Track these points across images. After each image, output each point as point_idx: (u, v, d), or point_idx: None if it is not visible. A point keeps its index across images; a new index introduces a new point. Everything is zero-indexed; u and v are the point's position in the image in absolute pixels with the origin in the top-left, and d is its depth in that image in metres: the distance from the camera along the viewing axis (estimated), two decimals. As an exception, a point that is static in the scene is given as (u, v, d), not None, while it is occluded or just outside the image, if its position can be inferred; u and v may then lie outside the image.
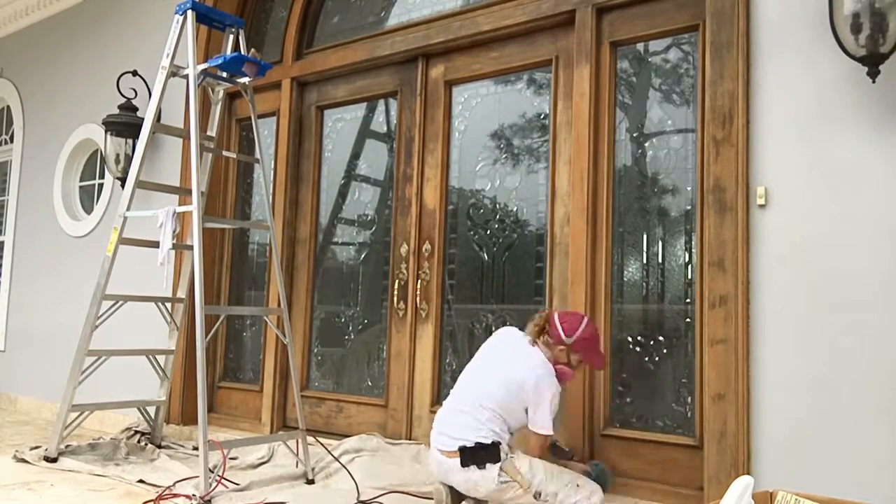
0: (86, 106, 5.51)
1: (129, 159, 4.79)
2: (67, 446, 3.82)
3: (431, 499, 2.86)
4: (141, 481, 3.40)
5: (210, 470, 3.17)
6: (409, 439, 3.75)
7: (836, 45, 2.47)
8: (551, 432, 2.71)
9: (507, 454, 2.66)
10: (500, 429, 2.69)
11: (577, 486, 2.65)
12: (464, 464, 2.64)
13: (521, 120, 3.63)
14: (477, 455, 2.63)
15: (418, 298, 3.80)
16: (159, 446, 4.09)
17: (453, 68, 3.87)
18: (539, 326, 2.81)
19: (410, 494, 3.18)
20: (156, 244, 3.66)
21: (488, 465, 2.61)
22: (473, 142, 3.79)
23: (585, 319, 2.83)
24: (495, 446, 2.64)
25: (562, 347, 2.76)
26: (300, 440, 3.54)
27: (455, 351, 3.72)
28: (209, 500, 3.10)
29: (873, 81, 2.45)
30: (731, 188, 2.73)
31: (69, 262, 5.47)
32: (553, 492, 2.62)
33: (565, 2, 3.38)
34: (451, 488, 2.76)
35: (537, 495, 2.62)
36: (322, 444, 3.61)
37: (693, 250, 3.04)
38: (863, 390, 2.44)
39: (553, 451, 2.94)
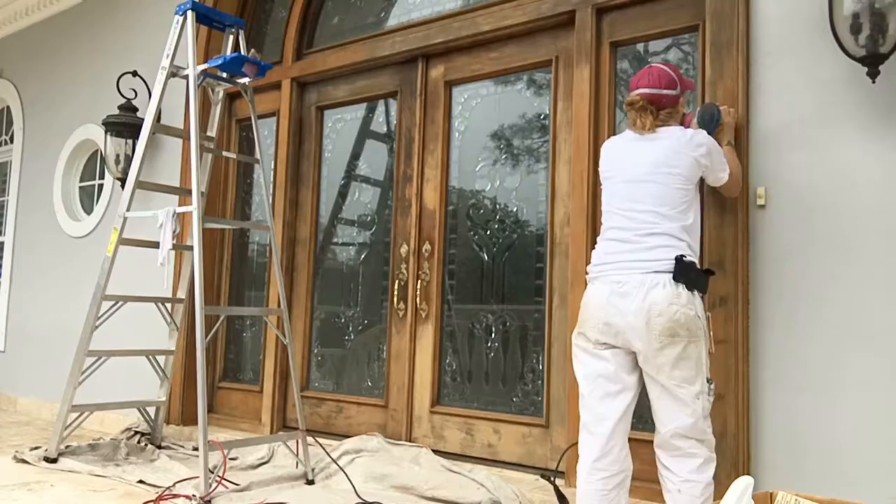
0: (86, 106, 5.51)
1: (129, 160, 4.79)
2: (67, 447, 3.82)
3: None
4: (141, 482, 3.40)
5: (210, 470, 3.17)
6: (410, 440, 3.75)
7: (836, 45, 2.47)
8: (734, 170, 2.38)
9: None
10: (694, 235, 2.27)
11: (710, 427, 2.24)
12: (676, 278, 2.13)
13: (521, 120, 3.64)
14: (688, 272, 2.13)
15: (418, 299, 3.80)
16: (159, 447, 4.09)
17: (453, 69, 3.87)
18: (645, 110, 2.36)
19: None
20: (156, 245, 3.66)
21: (696, 291, 2.15)
22: (473, 142, 3.79)
23: (659, 65, 2.46)
24: (707, 273, 2.21)
25: (678, 98, 2.41)
26: (300, 441, 3.54)
27: (455, 351, 3.72)
28: (209, 501, 3.09)
29: (873, 82, 2.45)
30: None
31: (69, 263, 5.47)
32: (705, 406, 2.21)
33: (565, 2, 3.38)
34: None
35: (709, 380, 2.21)
36: (321, 446, 3.61)
37: (693, 250, 3.04)
38: (863, 390, 2.44)
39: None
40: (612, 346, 2.29)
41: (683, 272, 2.14)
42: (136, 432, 4.17)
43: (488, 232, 3.67)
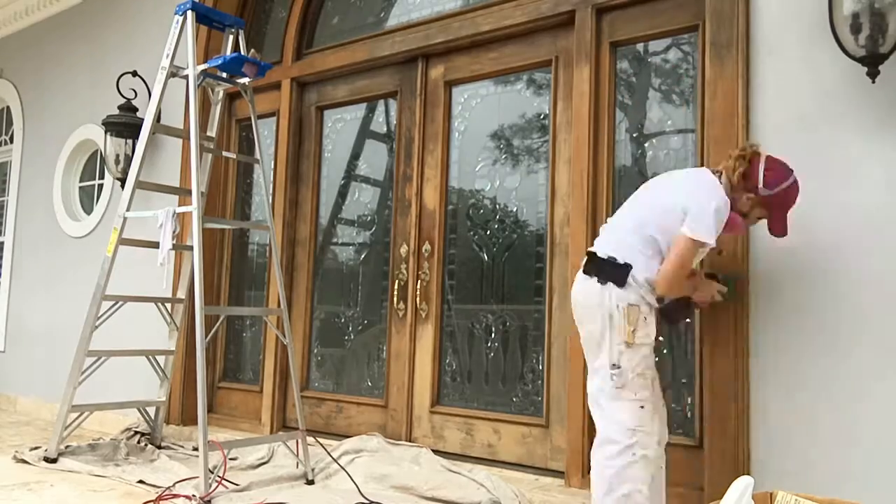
0: (85, 106, 5.51)
1: (128, 160, 4.79)
2: (67, 447, 3.82)
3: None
4: (141, 482, 3.40)
5: (210, 470, 3.17)
6: (410, 440, 3.75)
7: (836, 45, 2.47)
8: (710, 241, 2.25)
9: (645, 300, 2.33)
10: (642, 246, 2.34)
11: (642, 407, 2.32)
12: (585, 272, 2.40)
13: (521, 120, 3.64)
14: (603, 266, 2.34)
15: (418, 299, 3.80)
16: (159, 447, 4.09)
17: (453, 69, 3.87)
18: (737, 160, 2.36)
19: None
20: (155, 244, 3.66)
21: (610, 284, 2.32)
22: (473, 142, 3.79)
23: (794, 175, 2.36)
24: (625, 268, 2.31)
25: (751, 195, 2.35)
26: (300, 441, 3.54)
27: (455, 351, 3.72)
28: (209, 501, 3.09)
29: (873, 82, 2.45)
30: (730, 188, 2.73)
31: (69, 263, 5.47)
32: (627, 380, 2.32)
33: (565, 2, 3.38)
34: None
35: (615, 365, 2.32)
36: (322, 445, 3.61)
37: (693, 250, 3.03)
38: (863, 390, 2.44)
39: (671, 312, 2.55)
40: None
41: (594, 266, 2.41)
42: (136, 432, 4.17)
43: (488, 232, 3.67)
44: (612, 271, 2.34)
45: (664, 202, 2.39)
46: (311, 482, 3.48)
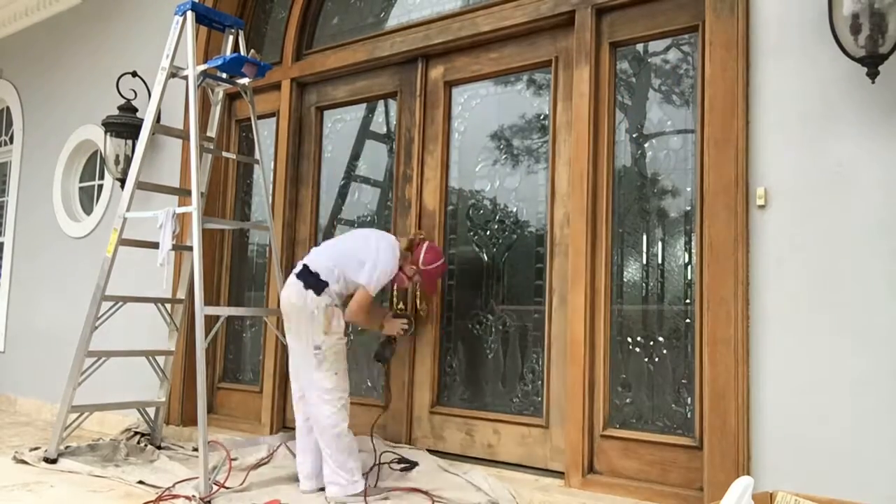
0: (85, 107, 5.52)
1: (128, 160, 4.79)
2: (67, 447, 3.82)
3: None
4: (141, 482, 3.40)
5: (210, 471, 3.17)
6: (410, 440, 3.75)
7: (836, 45, 2.47)
8: (372, 289, 3.25)
9: (333, 302, 3.24)
10: (336, 273, 3.25)
11: (336, 373, 3.21)
12: (297, 276, 3.27)
13: (521, 121, 3.64)
14: (309, 278, 3.24)
15: (418, 299, 3.79)
16: (159, 447, 4.09)
17: (453, 69, 3.87)
18: (410, 244, 3.41)
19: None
20: (155, 245, 3.66)
21: (310, 291, 3.20)
22: (473, 142, 3.79)
23: (441, 261, 3.47)
24: (324, 283, 3.22)
25: (413, 267, 3.41)
26: (300, 441, 3.54)
27: (455, 352, 3.72)
28: (209, 501, 3.10)
29: (873, 82, 2.45)
30: (730, 189, 2.73)
31: (69, 263, 5.47)
32: (323, 357, 3.18)
33: (565, 2, 3.38)
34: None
35: (317, 347, 3.19)
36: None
37: (693, 251, 3.04)
38: (863, 390, 2.44)
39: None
40: None
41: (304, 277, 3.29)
42: (136, 433, 4.17)
43: (488, 232, 3.67)
44: (314, 282, 3.23)
45: (355, 252, 3.31)
46: (310, 482, 3.47)
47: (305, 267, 3.28)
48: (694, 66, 3.11)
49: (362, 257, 3.27)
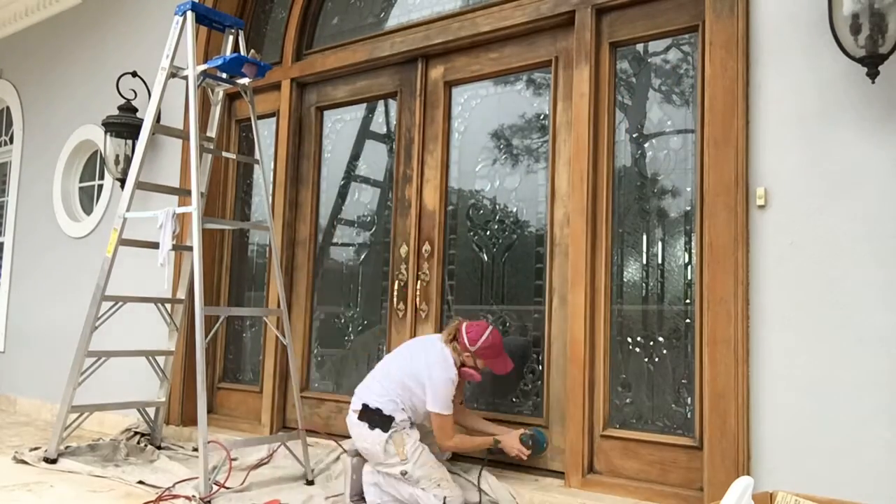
0: (85, 107, 5.52)
1: (128, 160, 4.80)
2: (67, 447, 3.82)
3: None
4: (141, 482, 3.40)
5: (209, 471, 3.17)
6: (409, 440, 3.74)
7: (836, 45, 2.47)
8: (442, 411, 3.06)
9: (402, 429, 3.07)
10: (401, 402, 3.10)
11: (440, 485, 3.00)
12: (360, 418, 3.10)
13: (521, 121, 3.64)
14: (373, 416, 3.07)
15: (418, 299, 3.80)
16: (159, 447, 4.09)
17: (453, 69, 3.87)
18: (451, 334, 3.21)
19: None
20: (155, 245, 3.66)
21: (377, 430, 3.04)
22: (473, 142, 3.79)
23: (490, 329, 3.18)
24: (389, 419, 3.06)
25: (467, 353, 3.15)
26: (300, 441, 3.54)
27: (455, 352, 3.72)
28: (209, 501, 3.09)
29: (873, 82, 2.45)
30: (730, 189, 2.73)
31: (69, 263, 5.47)
32: (417, 477, 3.00)
33: (565, 2, 3.38)
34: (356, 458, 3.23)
35: (403, 473, 3.01)
36: (337, 442, 3.61)
37: (693, 251, 3.04)
38: (863, 390, 2.45)
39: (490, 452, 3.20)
40: None
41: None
42: (136, 433, 4.17)
43: (488, 232, 3.67)
44: (378, 420, 3.07)
45: (412, 375, 3.14)
46: (311, 482, 3.48)
47: (365, 406, 3.10)
48: (694, 66, 3.11)
49: (421, 379, 3.11)
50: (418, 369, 3.12)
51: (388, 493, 3.11)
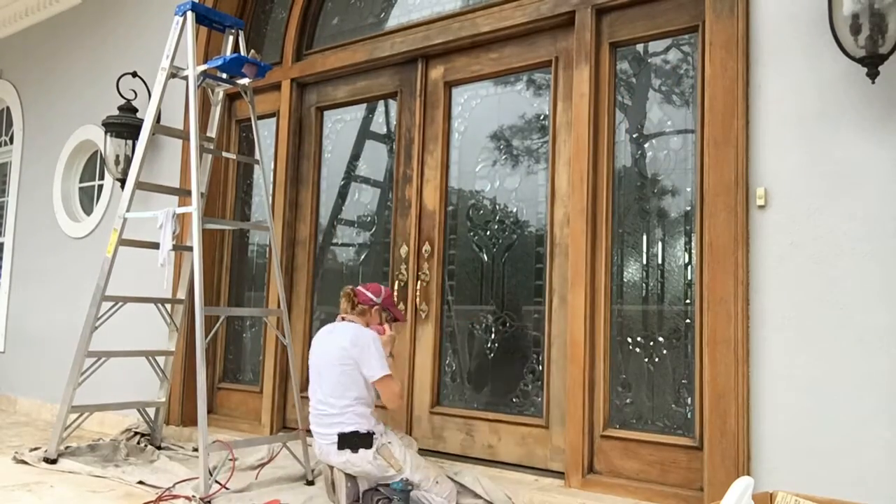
0: (85, 107, 5.52)
1: (128, 160, 4.80)
2: (67, 447, 3.82)
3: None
4: (141, 482, 3.40)
5: (210, 472, 3.17)
6: (409, 440, 3.75)
7: (836, 45, 2.47)
8: (388, 371, 3.03)
9: (383, 441, 3.02)
10: (363, 408, 3.03)
11: (437, 482, 3.03)
12: (340, 448, 2.99)
13: (521, 121, 3.64)
14: (351, 440, 2.99)
15: (418, 299, 3.80)
16: (159, 447, 4.09)
17: (453, 69, 3.87)
18: (350, 301, 3.22)
19: None
20: (155, 245, 3.66)
21: (361, 450, 2.98)
22: (473, 143, 3.79)
23: (382, 287, 3.31)
24: (368, 435, 3.00)
25: (374, 307, 3.23)
26: (301, 441, 3.54)
27: (455, 352, 3.72)
28: (209, 502, 3.09)
29: (873, 82, 2.45)
30: (730, 189, 2.73)
31: (69, 264, 5.46)
32: (417, 481, 3.00)
33: (565, 3, 3.38)
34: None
35: (404, 481, 2.99)
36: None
37: (693, 251, 3.04)
38: (863, 390, 2.45)
39: None
40: None
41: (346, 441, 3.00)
42: (136, 433, 4.17)
43: (488, 232, 3.67)
44: (359, 441, 2.99)
45: (348, 369, 3.04)
46: (310, 483, 3.48)
47: (341, 435, 2.97)
48: (694, 67, 3.11)
49: (351, 359, 3.02)
50: (347, 364, 3.02)
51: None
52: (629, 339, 3.16)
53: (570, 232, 3.26)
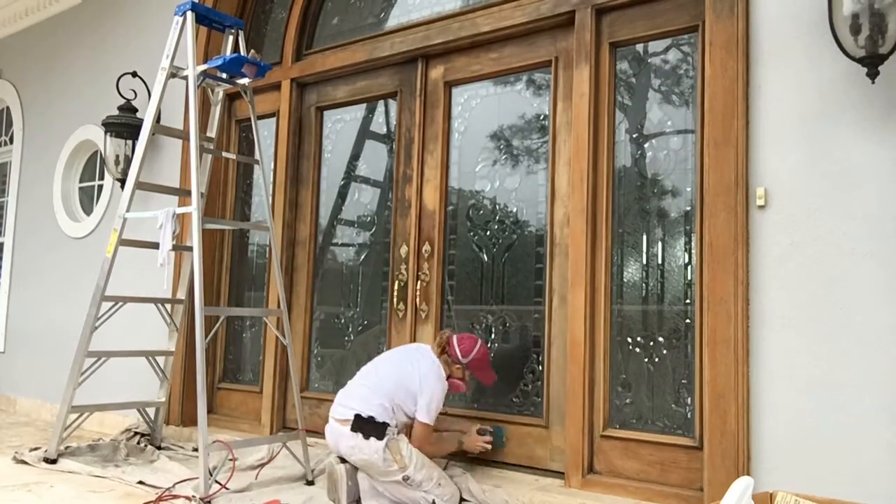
0: (85, 107, 5.52)
1: (128, 160, 4.80)
2: (67, 447, 3.82)
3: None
4: (141, 482, 3.40)
5: (209, 472, 3.17)
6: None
7: (836, 45, 2.47)
8: (430, 422, 3.12)
9: (394, 435, 3.05)
10: (391, 409, 3.09)
11: (440, 484, 3.04)
12: (353, 429, 3.03)
13: (521, 121, 3.64)
14: (366, 426, 3.02)
15: (418, 299, 3.80)
16: (159, 447, 4.09)
17: (453, 69, 3.87)
18: (440, 346, 3.25)
19: None
20: (155, 245, 3.66)
21: (372, 439, 3.00)
22: (473, 143, 3.79)
23: (480, 342, 3.28)
24: (384, 426, 3.03)
25: (458, 365, 3.23)
26: (301, 441, 3.54)
27: (455, 352, 3.72)
28: (209, 502, 3.09)
29: (872, 82, 2.45)
30: (730, 189, 2.73)
31: (69, 264, 5.47)
32: (419, 480, 3.01)
33: (565, 3, 3.38)
34: (348, 465, 3.13)
35: (405, 478, 3.01)
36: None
37: (693, 251, 3.04)
38: (863, 390, 2.45)
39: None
40: None
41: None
42: (136, 433, 4.17)
43: (488, 232, 3.67)
44: (372, 428, 3.03)
45: (402, 381, 3.15)
46: (311, 483, 3.48)
47: (358, 416, 3.05)
48: (694, 67, 3.11)
49: (412, 388, 3.12)
50: (409, 379, 3.14)
51: (386, 496, 3.10)
52: (629, 339, 3.16)
53: (570, 232, 3.26)
